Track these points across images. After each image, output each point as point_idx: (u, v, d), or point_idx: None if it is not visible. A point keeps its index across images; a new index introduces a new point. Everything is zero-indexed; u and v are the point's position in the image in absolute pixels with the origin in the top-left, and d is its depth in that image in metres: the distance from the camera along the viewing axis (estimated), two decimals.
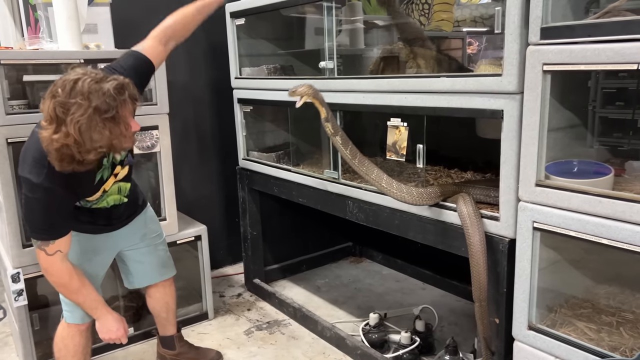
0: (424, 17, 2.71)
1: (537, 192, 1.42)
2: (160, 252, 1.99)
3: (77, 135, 1.34)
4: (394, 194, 1.69)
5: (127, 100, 1.42)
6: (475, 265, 1.53)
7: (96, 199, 1.69)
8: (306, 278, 3.09)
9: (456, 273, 2.74)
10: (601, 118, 1.64)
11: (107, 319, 1.71)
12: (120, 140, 1.45)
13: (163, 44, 1.73)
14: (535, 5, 1.33)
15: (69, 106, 1.34)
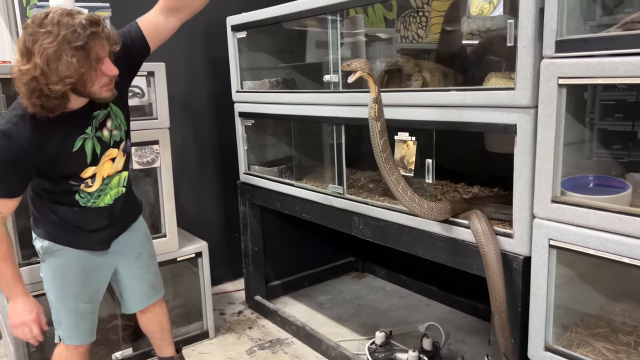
0: (422, 29, 2.70)
1: (553, 208, 1.38)
2: (151, 275, 1.91)
3: (43, 65, 1.28)
4: (406, 202, 1.63)
5: (99, 34, 1.34)
6: (492, 275, 1.48)
7: (97, 190, 1.60)
8: (308, 294, 3.03)
9: (462, 289, 2.69)
10: (600, 130, 1.61)
11: (21, 301, 1.55)
12: (92, 75, 1.36)
13: (165, 14, 1.58)
14: (550, 18, 1.31)
15: (38, 36, 1.29)
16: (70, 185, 1.57)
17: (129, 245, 1.80)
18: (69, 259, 1.66)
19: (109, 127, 1.58)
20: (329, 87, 2.12)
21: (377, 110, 1.53)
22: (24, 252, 2.04)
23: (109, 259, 1.76)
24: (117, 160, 1.64)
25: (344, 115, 2.03)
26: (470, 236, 1.61)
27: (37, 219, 1.65)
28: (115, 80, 1.46)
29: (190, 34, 2.86)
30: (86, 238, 1.67)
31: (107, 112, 1.58)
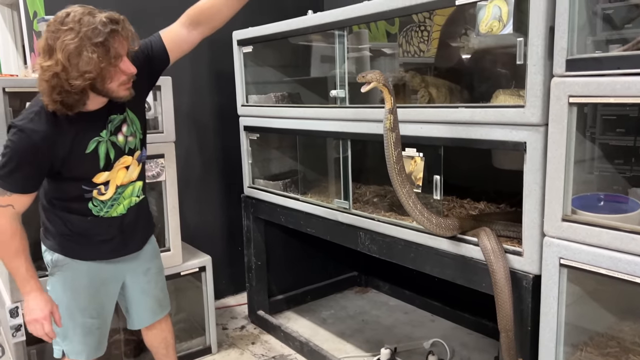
0: (423, 43, 2.71)
1: (564, 227, 1.37)
2: (158, 290, 1.88)
3: (65, 60, 1.31)
4: (416, 215, 1.62)
5: (119, 33, 1.38)
6: (500, 293, 1.47)
7: (110, 199, 1.60)
8: (311, 309, 3.00)
9: (467, 305, 2.67)
10: (601, 144, 1.61)
11: (35, 297, 1.55)
12: (111, 72, 1.39)
13: (187, 27, 1.61)
14: (560, 37, 1.31)
15: (60, 33, 1.33)
16: (83, 191, 1.55)
17: (137, 259, 1.78)
18: (77, 273, 1.64)
19: (125, 133, 1.58)
20: (335, 102, 2.12)
21: (392, 121, 1.54)
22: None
23: (117, 273, 1.74)
24: (131, 169, 1.63)
25: (351, 130, 2.03)
26: (479, 253, 1.60)
27: (48, 230, 1.64)
28: (134, 79, 1.48)
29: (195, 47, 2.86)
30: (96, 248, 1.66)
31: (123, 117, 1.58)
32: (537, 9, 1.35)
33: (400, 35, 2.78)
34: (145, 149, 1.70)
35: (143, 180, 1.71)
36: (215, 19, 1.63)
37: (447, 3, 1.59)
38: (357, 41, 2.65)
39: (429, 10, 1.66)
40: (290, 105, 2.43)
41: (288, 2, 3.15)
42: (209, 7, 1.61)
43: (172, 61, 1.65)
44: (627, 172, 1.59)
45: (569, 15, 1.28)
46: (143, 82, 1.60)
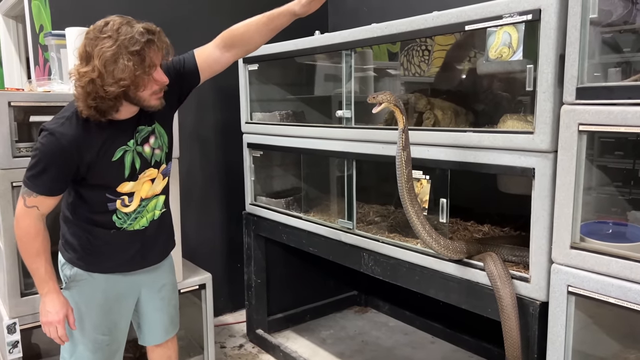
0: (424, 62, 2.72)
1: (573, 255, 1.36)
2: (171, 308, 1.86)
3: (101, 67, 1.35)
4: (424, 236, 1.61)
5: (155, 43, 1.41)
6: (507, 320, 1.46)
7: (134, 211, 1.60)
8: (310, 329, 2.97)
9: (468, 328, 2.65)
10: (599, 167, 1.61)
11: (52, 299, 1.56)
12: (144, 80, 1.42)
13: (220, 49, 1.64)
14: (571, 65, 1.32)
15: (98, 41, 1.37)
16: (107, 200, 1.56)
17: (154, 273, 1.76)
18: (94, 289, 1.63)
19: (152, 145, 1.59)
20: (340, 122, 2.12)
21: (405, 140, 1.55)
22: None
23: (134, 287, 1.72)
24: (156, 182, 1.63)
25: (356, 150, 2.03)
26: (485, 278, 1.59)
27: (68, 243, 1.63)
28: (165, 90, 1.51)
29: None
30: (115, 259, 1.65)
31: (151, 129, 1.59)
32: (548, 37, 1.36)
33: (402, 54, 2.80)
34: (171, 163, 1.71)
35: (167, 194, 1.72)
36: (249, 44, 1.66)
37: (456, 28, 1.60)
38: (361, 61, 2.66)
39: (437, 35, 1.67)
40: (295, 124, 2.43)
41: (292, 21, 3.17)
42: (242, 33, 1.63)
43: (202, 80, 1.68)
44: (625, 195, 1.59)
45: (580, 44, 1.29)
46: (173, 97, 1.63)
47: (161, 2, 2.73)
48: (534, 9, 1.38)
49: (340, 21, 3.24)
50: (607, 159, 1.58)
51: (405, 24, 1.76)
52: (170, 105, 1.62)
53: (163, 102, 1.52)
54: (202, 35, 2.15)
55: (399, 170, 1.57)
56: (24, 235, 1.52)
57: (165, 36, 1.46)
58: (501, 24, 1.46)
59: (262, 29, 1.63)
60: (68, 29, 2.07)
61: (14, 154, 1.91)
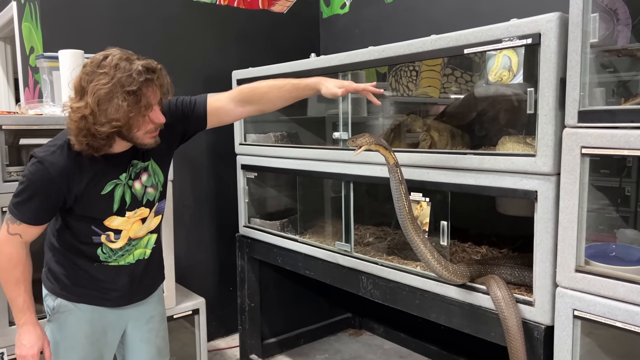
0: (412, 83, 2.74)
1: (578, 278, 1.35)
2: (159, 339, 1.78)
3: (94, 105, 1.30)
4: (432, 264, 1.59)
5: (153, 82, 1.37)
6: (513, 344, 1.44)
7: (120, 248, 1.54)
8: (304, 353, 2.92)
9: (464, 350, 2.62)
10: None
11: (28, 330, 1.49)
12: (139, 121, 1.37)
13: (235, 103, 1.61)
14: (572, 89, 1.32)
15: (94, 76, 1.32)
16: (92, 232, 1.50)
17: (141, 306, 1.69)
18: (80, 320, 1.56)
19: (143, 182, 1.53)
20: (337, 144, 2.11)
21: (400, 173, 1.54)
22: None
23: (120, 321, 1.65)
24: (147, 221, 1.57)
25: (354, 172, 2.01)
26: (488, 302, 1.58)
27: (52, 272, 1.56)
28: (162, 129, 1.46)
29: (193, 85, 2.86)
30: (101, 295, 1.58)
31: (145, 166, 1.53)
32: (548, 61, 1.37)
33: (390, 75, 2.82)
34: (165, 201, 1.64)
35: (159, 232, 1.66)
36: (267, 105, 1.64)
37: (454, 52, 1.61)
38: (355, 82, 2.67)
39: (436, 58, 1.67)
40: (291, 146, 2.42)
41: (284, 43, 3.19)
42: (264, 93, 1.61)
43: (208, 127, 1.65)
44: (612, 213, 1.59)
45: (581, 68, 1.30)
46: (174, 137, 1.59)
47: (153, 23, 2.72)
48: (534, 33, 1.39)
49: (332, 43, 3.26)
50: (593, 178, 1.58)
51: (403, 47, 1.77)
52: (169, 145, 1.58)
53: (158, 140, 1.46)
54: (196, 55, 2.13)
55: (399, 203, 1.55)
56: (4, 262, 1.46)
57: (166, 74, 1.42)
58: (501, 48, 1.48)
59: (285, 95, 1.61)
60: (61, 51, 2.04)
61: (5, 178, 1.87)
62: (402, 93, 2.76)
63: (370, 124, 2.66)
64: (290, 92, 1.61)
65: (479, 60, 2.27)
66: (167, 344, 1.82)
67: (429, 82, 2.65)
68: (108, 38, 2.38)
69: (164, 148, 1.53)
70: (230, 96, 1.62)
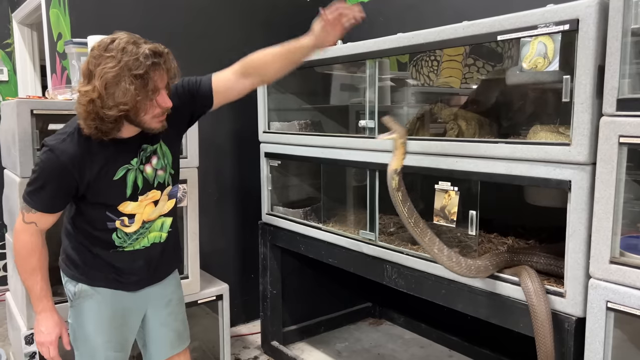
0: (433, 73, 2.71)
1: (612, 270, 1.33)
2: (179, 322, 1.78)
3: (101, 88, 1.30)
4: (444, 262, 1.59)
5: (161, 66, 1.36)
6: (541, 337, 1.42)
7: (135, 232, 1.54)
8: (325, 341, 2.93)
9: (486, 341, 2.61)
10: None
11: (45, 317, 1.52)
12: (146, 105, 1.37)
13: (237, 76, 1.60)
14: (611, 77, 1.29)
15: (101, 59, 1.32)
16: (107, 219, 1.51)
17: (160, 290, 1.70)
18: (101, 304, 1.57)
19: (154, 165, 1.54)
20: (363, 132, 2.10)
21: (398, 180, 1.57)
22: None
23: (140, 304, 1.66)
24: (160, 204, 1.58)
25: (380, 161, 2.00)
26: (516, 292, 1.56)
27: (70, 259, 1.58)
28: (169, 113, 1.46)
29: None
30: (120, 279, 1.59)
31: (154, 149, 1.54)
32: (586, 48, 1.34)
33: (411, 64, 2.79)
34: (178, 185, 1.65)
35: (174, 215, 1.66)
36: (266, 74, 1.63)
37: (488, 38, 1.58)
38: (380, 71, 2.65)
39: (468, 45, 1.65)
40: (316, 134, 2.41)
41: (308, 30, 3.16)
42: (259, 62, 1.59)
43: (215, 106, 1.63)
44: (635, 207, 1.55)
45: (621, 55, 1.27)
46: (182, 119, 1.59)
47: (180, 11, 2.72)
48: (572, 19, 1.36)
49: (355, 31, 3.22)
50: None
51: (434, 34, 1.74)
52: (178, 127, 1.58)
53: (165, 124, 1.46)
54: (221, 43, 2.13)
55: (398, 209, 1.57)
56: (20, 252, 1.49)
57: (173, 59, 1.41)
58: (536, 34, 1.44)
59: (279, 61, 1.59)
60: (90, 36, 2.05)
61: (35, 162, 1.88)
62: (422, 83, 2.74)
63: (394, 113, 2.64)
64: (284, 57, 1.58)
65: (501, 51, 2.23)
66: (187, 328, 1.82)
67: (450, 72, 2.61)
68: (135, 23, 2.40)
69: (173, 130, 1.53)
70: (232, 70, 1.61)
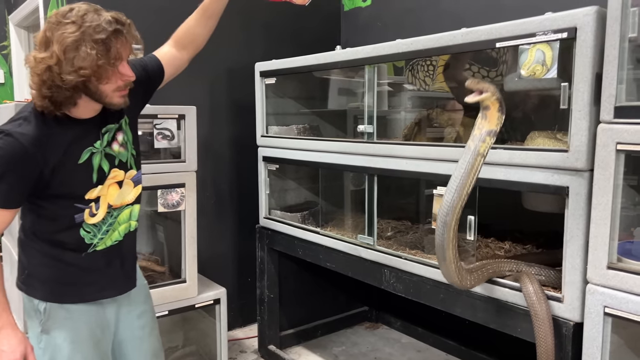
0: (429, 77, 2.72)
1: (610, 275, 1.34)
2: (154, 339, 1.65)
3: (60, 53, 1.23)
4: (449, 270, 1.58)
5: (124, 34, 1.30)
6: (542, 345, 1.43)
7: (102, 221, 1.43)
8: (322, 345, 2.93)
9: (483, 345, 2.62)
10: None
11: (7, 334, 1.32)
12: (108, 72, 1.29)
13: (176, 49, 1.63)
14: (609, 84, 1.31)
15: (60, 26, 1.25)
16: (75, 211, 1.38)
17: (130, 298, 1.57)
18: (75, 323, 1.43)
19: (120, 141, 1.46)
20: (361, 137, 2.11)
21: (488, 146, 1.32)
22: None
23: (113, 315, 1.54)
24: (125, 189, 1.48)
25: (378, 165, 2.01)
26: (514, 297, 1.57)
27: (33, 276, 1.43)
28: (131, 87, 1.39)
29: (214, 77, 2.88)
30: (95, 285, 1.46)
31: (118, 126, 1.46)
32: (584, 56, 1.36)
33: (407, 69, 2.80)
34: (140, 170, 1.55)
35: (139, 203, 1.56)
36: (196, 40, 1.65)
37: (486, 45, 1.60)
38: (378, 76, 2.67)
39: (466, 51, 1.66)
40: (315, 138, 2.42)
41: (306, 35, 3.18)
42: (186, 30, 1.63)
43: (166, 79, 1.62)
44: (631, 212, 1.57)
45: (619, 63, 1.29)
46: (139, 98, 1.54)
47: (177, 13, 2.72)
48: (570, 27, 1.38)
49: (352, 36, 3.25)
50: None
51: (433, 40, 1.76)
52: (136, 105, 1.53)
53: (127, 101, 1.39)
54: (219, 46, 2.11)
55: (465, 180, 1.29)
56: None
57: (135, 30, 1.35)
58: (534, 42, 1.46)
59: (201, 21, 1.63)
60: None
61: None
62: (418, 87, 2.75)
63: (391, 118, 2.65)
64: (203, 14, 1.62)
65: (496, 56, 2.25)
66: (161, 345, 1.70)
67: None
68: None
69: (133, 106, 1.49)
70: (170, 45, 1.63)
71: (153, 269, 2.40)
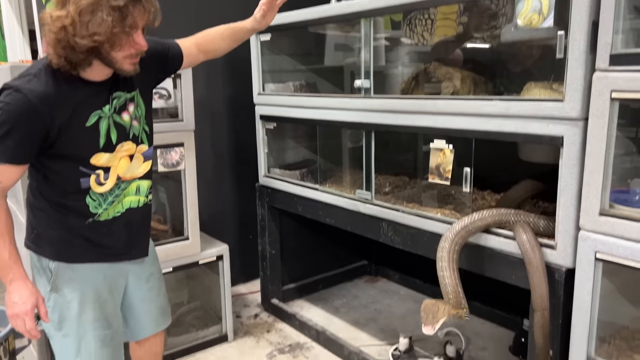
0: (427, 32, 2.69)
1: (601, 221, 1.38)
2: (161, 298, 1.71)
3: (75, 15, 1.21)
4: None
5: (142, 3, 1.28)
6: (536, 291, 1.49)
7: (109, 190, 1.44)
8: (323, 298, 3.02)
9: (478, 295, 2.69)
10: None
11: (18, 286, 1.36)
12: (122, 40, 1.28)
13: (197, 49, 1.67)
14: (605, 32, 1.30)
15: None
16: (81, 174, 1.39)
17: (140, 263, 1.62)
18: (82, 283, 1.47)
19: (131, 113, 1.45)
20: (358, 92, 2.11)
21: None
22: None
23: (121, 277, 1.58)
24: (135, 163, 1.49)
25: (376, 121, 2.02)
26: (508, 246, 1.62)
27: (41, 237, 1.45)
28: (143, 57, 1.39)
29: None
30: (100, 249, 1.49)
31: (131, 97, 1.46)
32: (581, 4, 1.34)
33: (405, 23, 2.76)
34: (152, 146, 1.56)
35: (150, 179, 1.57)
36: (217, 51, 1.72)
37: None
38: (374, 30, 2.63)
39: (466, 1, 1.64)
40: (312, 95, 2.41)
41: None
42: (212, 39, 1.68)
43: (181, 68, 1.66)
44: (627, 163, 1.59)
45: (615, 10, 1.28)
46: (152, 75, 1.55)
47: None
48: None
49: None
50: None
51: None
52: (149, 79, 1.54)
53: (137, 68, 1.37)
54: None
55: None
56: None
57: (155, 0, 1.33)
58: None
59: (227, 40, 1.70)
60: None
61: None
62: (417, 42, 2.72)
63: (388, 73, 2.63)
64: (231, 36, 1.69)
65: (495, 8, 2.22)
66: (169, 305, 1.76)
67: (445, 30, 2.59)
68: None
69: (147, 81, 1.50)
70: (193, 43, 1.66)
71: (156, 228, 2.44)
